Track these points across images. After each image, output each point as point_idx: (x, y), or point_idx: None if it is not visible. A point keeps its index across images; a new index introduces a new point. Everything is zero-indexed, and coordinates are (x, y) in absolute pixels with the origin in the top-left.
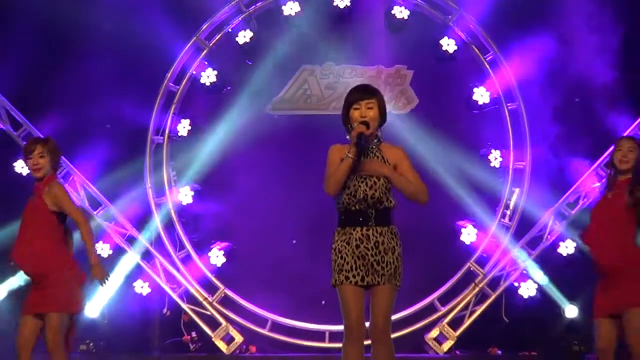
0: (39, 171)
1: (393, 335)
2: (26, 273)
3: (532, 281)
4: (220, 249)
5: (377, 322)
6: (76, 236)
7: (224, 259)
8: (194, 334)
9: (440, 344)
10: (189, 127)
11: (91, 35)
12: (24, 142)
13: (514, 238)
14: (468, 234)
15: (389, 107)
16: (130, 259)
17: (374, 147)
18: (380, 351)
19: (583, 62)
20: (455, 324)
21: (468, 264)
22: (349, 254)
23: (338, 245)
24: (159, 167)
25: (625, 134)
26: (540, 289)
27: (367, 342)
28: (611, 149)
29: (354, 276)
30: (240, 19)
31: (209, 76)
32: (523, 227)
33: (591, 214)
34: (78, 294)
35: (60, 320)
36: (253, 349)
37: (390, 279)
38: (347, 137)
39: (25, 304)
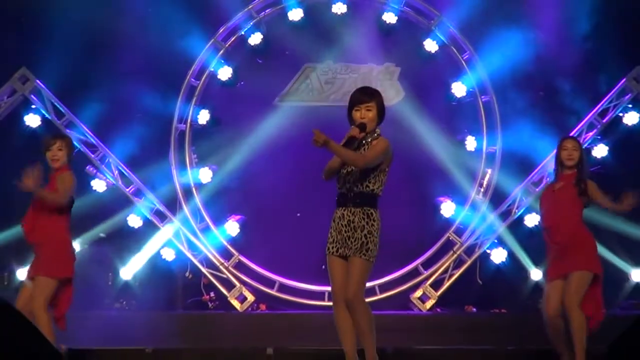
0: (56, 162)
1: (383, 296)
2: (30, 241)
3: (503, 248)
4: (234, 221)
5: (347, 290)
6: None
7: (238, 230)
8: (212, 294)
9: (423, 302)
10: (208, 117)
11: (124, 38)
12: (67, 130)
13: (487, 211)
14: (447, 208)
15: None
16: (158, 230)
17: (370, 140)
18: (353, 314)
19: (547, 62)
20: (436, 285)
21: (447, 234)
22: (334, 229)
23: (331, 221)
24: (182, 151)
25: (571, 133)
26: (509, 255)
27: None
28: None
29: (334, 247)
30: (251, 23)
31: (225, 73)
32: (495, 202)
33: (540, 200)
34: (66, 263)
35: (46, 283)
36: (263, 307)
37: (357, 252)
38: None
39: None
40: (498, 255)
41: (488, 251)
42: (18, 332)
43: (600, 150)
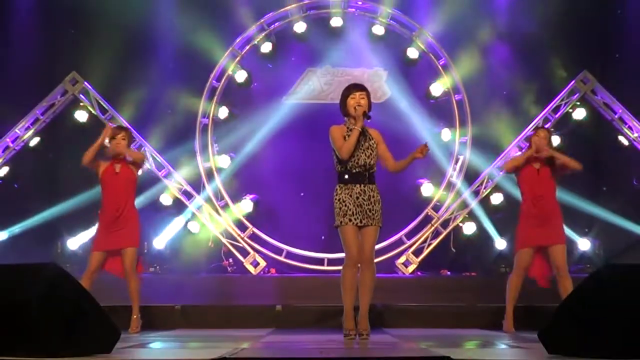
0: (119, 149)
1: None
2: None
3: (473, 222)
4: (249, 199)
5: (366, 252)
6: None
7: (252, 206)
8: (230, 260)
9: (406, 267)
10: (227, 112)
11: (157, 45)
12: (111, 124)
13: (460, 191)
14: (427, 188)
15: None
16: (185, 207)
17: (364, 128)
18: (367, 272)
19: (510, 65)
20: (417, 253)
21: (427, 210)
22: (351, 203)
23: (342, 197)
24: (205, 141)
25: (531, 124)
26: (478, 227)
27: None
28: (526, 129)
29: (355, 219)
30: (263, 35)
31: (241, 76)
32: (466, 183)
33: (522, 177)
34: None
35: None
36: (273, 270)
37: (378, 222)
38: (345, 119)
39: None
40: (469, 228)
41: (460, 224)
42: (74, 295)
43: (554, 140)
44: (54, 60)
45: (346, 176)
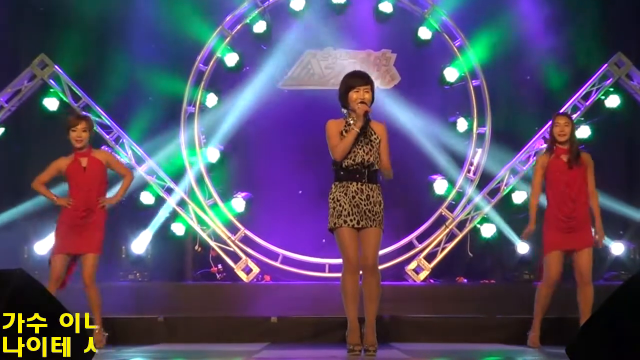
0: (80, 142)
1: (380, 267)
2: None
3: (491, 223)
4: (241, 198)
5: (367, 257)
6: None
7: (244, 206)
8: (220, 266)
9: (417, 274)
10: (215, 100)
11: (136, 25)
12: (84, 113)
13: (477, 189)
14: (440, 186)
15: (376, 84)
16: (169, 206)
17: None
18: (370, 279)
19: (534, 48)
20: (429, 258)
21: (440, 210)
22: (347, 203)
23: (336, 195)
24: (191, 132)
25: (561, 110)
26: (498, 230)
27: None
28: (550, 122)
29: (350, 220)
30: (256, 12)
31: (231, 58)
32: (484, 180)
33: (549, 171)
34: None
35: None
36: (267, 278)
37: (379, 224)
38: (344, 112)
39: None
40: (487, 230)
41: (478, 226)
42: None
43: (584, 131)
44: (21, 41)
45: (342, 173)
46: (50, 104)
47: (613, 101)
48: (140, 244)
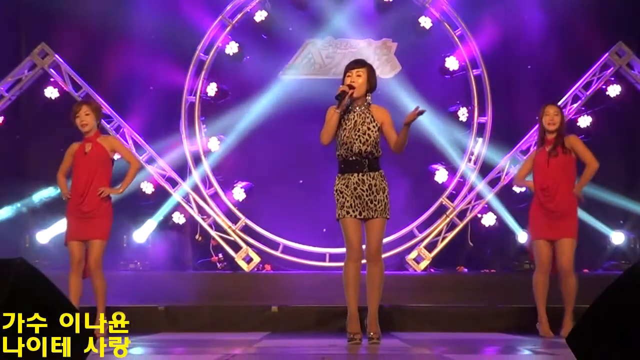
0: (86, 127)
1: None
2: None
3: (492, 213)
4: (241, 187)
5: (371, 247)
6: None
7: (244, 195)
8: (220, 256)
9: (418, 263)
10: (216, 89)
11: (138, 15)
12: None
13: (478, 178)
14: (440, 175)
15: (377, 73)
16: (170, 195)
17: (364, 108)
18: (374, 269)
19: (534, 37)
20: (430, 247)
21: (441, 199)
22: (348, 194)
23: (339, 187)
24: (192, 121)
25: (559, 103)
26: (498, 219)
27: (363, 261)
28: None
29: (353, 211)
30: (257, 1)
31: (232, 48)
32: (485, 170)
33: (535, 163)
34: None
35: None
36: (268, 267)
37: (382, 213)
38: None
39: None
40: (488, 219)
41: (479, 215)
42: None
43: (585, 121)
44: (21, 30)
45: (343, 165)
46: (51, 93)
47: (614, 90)
48: (142, 233)
